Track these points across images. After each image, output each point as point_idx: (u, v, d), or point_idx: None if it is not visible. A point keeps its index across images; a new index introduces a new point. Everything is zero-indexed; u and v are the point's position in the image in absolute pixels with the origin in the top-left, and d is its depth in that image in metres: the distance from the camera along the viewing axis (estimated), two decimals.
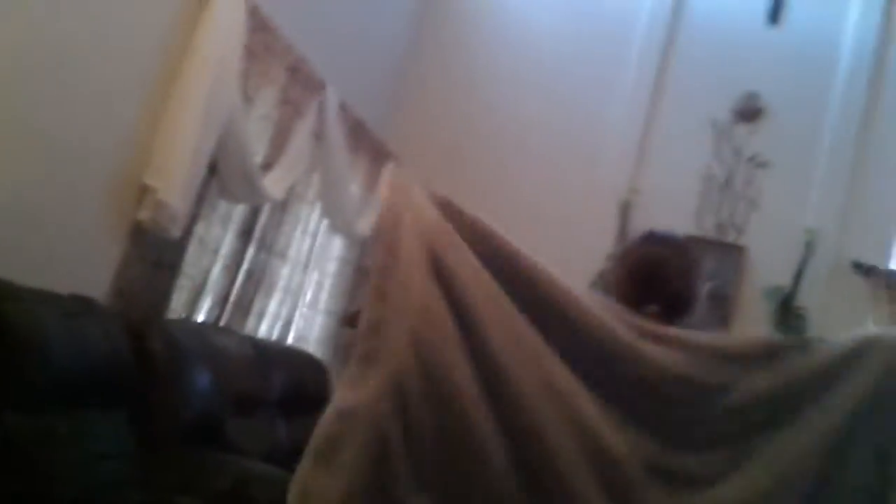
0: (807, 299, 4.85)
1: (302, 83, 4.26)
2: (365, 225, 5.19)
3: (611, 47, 5.49)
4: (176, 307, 3.80)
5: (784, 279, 4.90)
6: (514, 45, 5.70)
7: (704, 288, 4.86)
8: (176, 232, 3.35)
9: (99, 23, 2.97)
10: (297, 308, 4.98)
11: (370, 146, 5.30)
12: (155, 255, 3.49)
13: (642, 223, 5.09)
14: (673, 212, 5.10)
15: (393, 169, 5.31)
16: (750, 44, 5.31)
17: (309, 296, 5.10)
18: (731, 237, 5.10)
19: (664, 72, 5.40)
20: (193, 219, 3.63)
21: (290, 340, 4.92)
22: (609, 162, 5.32)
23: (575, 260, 5.16)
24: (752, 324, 4.94)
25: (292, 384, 4.26)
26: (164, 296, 3.66)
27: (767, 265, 5.00)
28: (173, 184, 3.28)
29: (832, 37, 5.16)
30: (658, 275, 2.04)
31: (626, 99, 5.38)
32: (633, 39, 5.45)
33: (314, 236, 4.98)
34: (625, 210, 5.16)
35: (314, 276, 5.11)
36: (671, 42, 5.42)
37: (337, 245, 5.27)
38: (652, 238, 2.15)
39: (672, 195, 5.17)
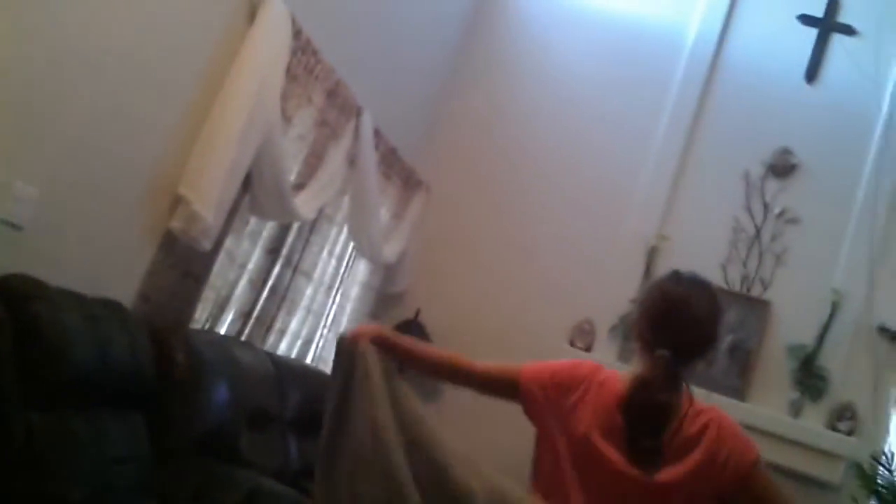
0: (829, 360, 4.82)
1: (339, 107, 4.30)
2: (390, 251, 5.21)
3: (647, 92, 5.52)
4: (199, 318, 3.83)
5: (808, 338, 4.87)
6: (550, 85, 5.74)
7: (726, 340, 4.87)
8: (207, 244, 3.37)
9: (146, 31, 3.02)
10: (318, 328, 5.00)
11: (402, 173, 5.33)
12: (183, 265, 3.52)
13: (668, 269, 5.08)
14: (700, 261, 4.99)
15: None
16: (786, 100, 5.31)
17: (331, 317, 5.12)
18: (756, 291, 5.07)
19: (699, 120, 5.41)
20: (224, 232, 3.66)
21: (308, 360, 4.93)
22: (639, 206, 5.32)
23: (599, 302, 5.20)
24: (773, 381, 4.91)
25: (307, 403, 4.25)
26: (189, 305, 3.68)
27: (792, 322, 4.96)
28: (208, 196, 3.31)
29: (869, 97, 5.14)
30: (675, 317, 2.03)
31: (659, 144, 5.39)
32: (669, 86, 5.46)
33: (340, 259, 5.01)
34: (652, 256, 5.15)
35: (337, 298, 5.13)
36: (707, 91, 5.43)
37: (361, 269, 5.30)
38: (676, 278, 2.14)
39: (700, 244, 5.15)
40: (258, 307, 4.29)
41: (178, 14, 3.15)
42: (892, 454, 4.27)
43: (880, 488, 4.20)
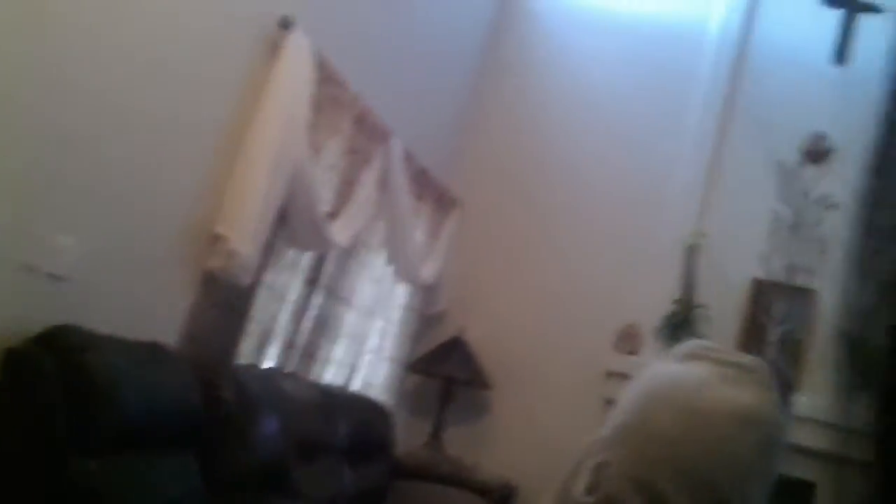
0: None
1: (368, 133, 4.33)
2: (428, 272, 5.22)
3: (674, 88, 5.46)
4: (244, 352, 3.86)
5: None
6: (576, 91, 5.72)
7: (776, 332, 4.80)
8: (246, 279, 3.41)
9: (173, 76, 3.07)
10: (362, 354, 5.01)
11: (434, 193, 5.35)
12: (225, 302, 3.56)
13: (709, 266, 5.03)
14: (740, 255, 5.03)
15: None
16: (816, 84, 5.20)
17: (374, 342, 5.13)
18: (800, 280, 5.00)
19: (729, 113, 5.30)
20: (262, 266, 3.69)
21: (355, 387, 4.94)
22: (674, 204, 5.25)
23: (642, 305, 5.14)
24: (824, 368, 4.82)
25: (357, 430, 4.27)
26: (234, 341, 3.73)
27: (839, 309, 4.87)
28: (244, 233, 3.35)
29: None
30: None
31: (691, 140, 5.31)
32: (696, 81, 5.39)
33: (379, 283, 5.03)
34: (691, 253, 5.09)
35: (379, 323, 5.14)
36: (735, 83, 5.34)
37: (401, 292, 5.31)
38: None
39: (739, 238, 5.08)
40: (302, 338, 4.32)
41: (201, 55, 3.20)
42: None
43: None
